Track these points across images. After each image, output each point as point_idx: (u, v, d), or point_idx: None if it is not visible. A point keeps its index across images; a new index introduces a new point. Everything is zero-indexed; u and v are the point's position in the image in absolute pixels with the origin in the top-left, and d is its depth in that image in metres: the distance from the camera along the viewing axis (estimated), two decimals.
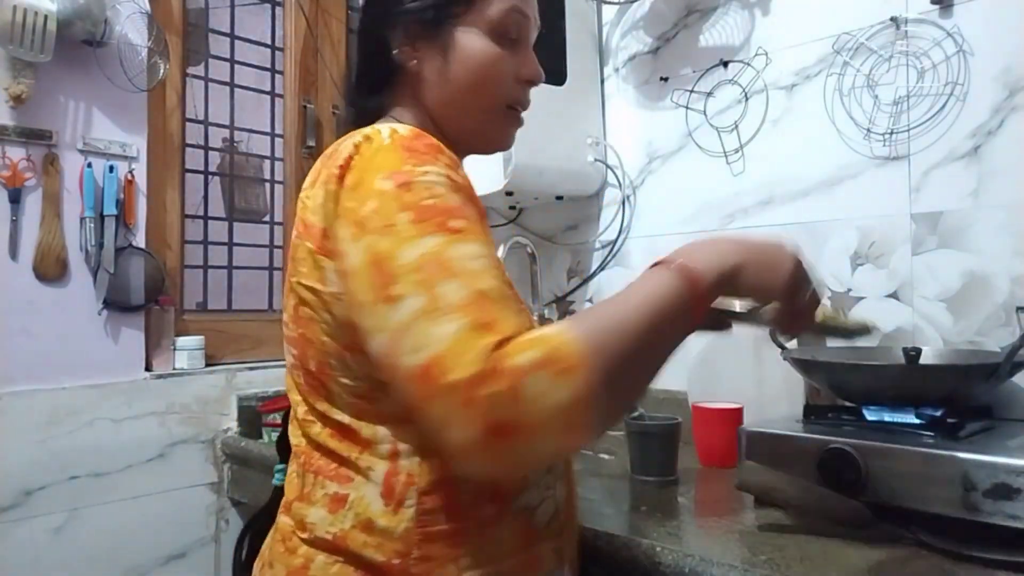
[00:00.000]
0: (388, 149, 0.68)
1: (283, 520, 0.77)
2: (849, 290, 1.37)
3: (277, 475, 0.86)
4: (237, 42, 1.96)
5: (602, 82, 1.81)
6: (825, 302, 0.96)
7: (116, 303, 1.58)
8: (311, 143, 1.99)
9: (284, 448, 0.85)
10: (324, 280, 0.69)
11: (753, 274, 0.67)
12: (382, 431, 0.71)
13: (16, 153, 1.47)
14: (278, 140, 2.01)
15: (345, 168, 0.68)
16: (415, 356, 0.57)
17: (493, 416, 0.55)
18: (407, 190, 0.64)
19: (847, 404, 1.11)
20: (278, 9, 2.02)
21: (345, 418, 0.72)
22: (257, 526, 0.87)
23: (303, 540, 0.73)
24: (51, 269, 1.50)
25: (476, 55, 0.80)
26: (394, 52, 0.82)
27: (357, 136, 0.71)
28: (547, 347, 0.56)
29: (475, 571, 0.69)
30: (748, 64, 1.55)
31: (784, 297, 0.69)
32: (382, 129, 0.71)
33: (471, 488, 0.70)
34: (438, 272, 0.60)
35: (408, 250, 0.61)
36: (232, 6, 1.95)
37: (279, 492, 0.83)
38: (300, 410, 0.77)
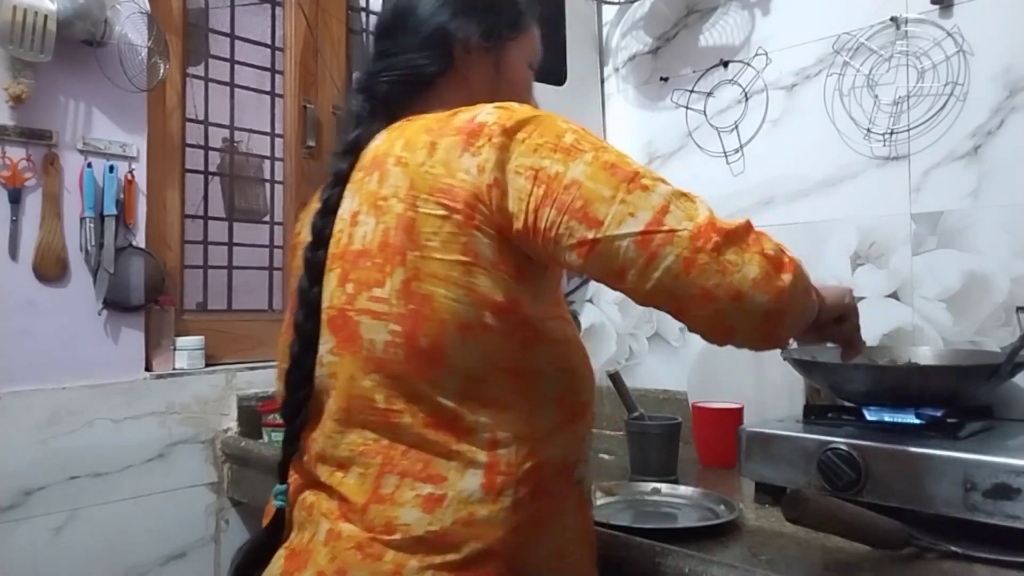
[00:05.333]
0: (536, 108, 0.75)
1: (347, 527, 0.73)
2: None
3: (279, 498, 0.82)
4: (237, 42, 1.96)
5: (602, 82, 1.81)
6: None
7: (116, 303, 1.58)
8: (311, 143, 1.99)
9: (284, 470, 0.82)
10: (470, 251, 0.70)
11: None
12: (484, 418, 0.72)
13: (16, 153, 1.47)
14: (278, 140, 2.01)
15: (505, 123, 0.71)
16: (694, 219, 0.66)
17: (769, 248, 0.68)
18: (587, 130, 0.73)
19: (847, 404, 1.11)
20: (278, 9, 2.02)
21: (449, 402, 0.71)
22: (260, 548, 0.81)
23: (389, 544, 0.70)
24: (51, 269, 1.50)
25: (520, 76, 0.90)
26: (454, 50, 0.84)
27: (486, 106, 0.74)
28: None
29: (550, 546, 0.74)
30: (748, 64, 1.55)
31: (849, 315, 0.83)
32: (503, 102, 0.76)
33: (553, 469, 0.75)
34: (661, 176, 0.71)
35: (631, 160, 0.71)
36: (232, 6, 1.95)
37: (281, 514, 0.81)
38: (379, 397, 0.73)
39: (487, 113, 0.73)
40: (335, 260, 0.78)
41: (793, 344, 1.24)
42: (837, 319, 0.81)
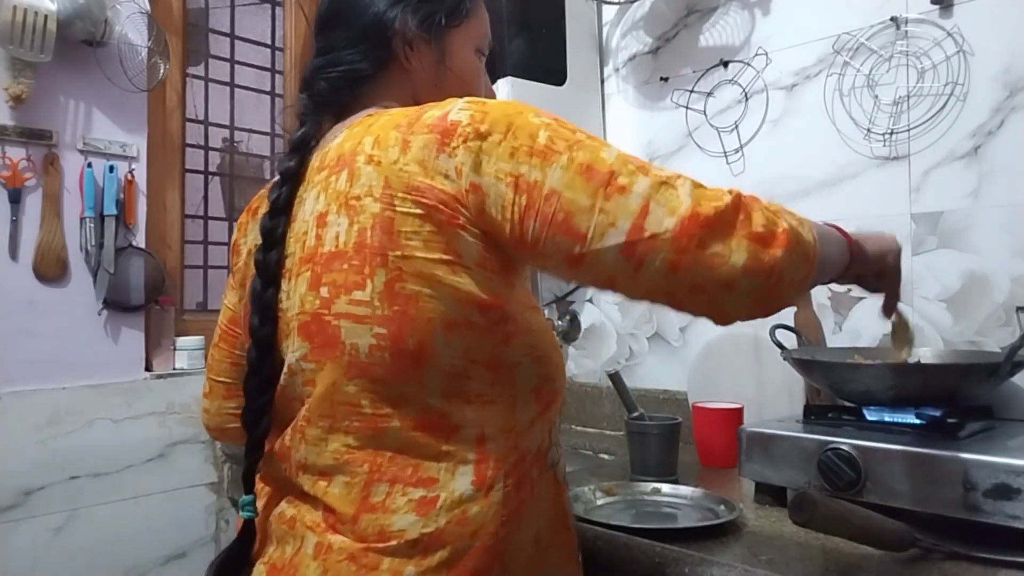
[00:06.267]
0: (507, 101, 0.73)
1: (338, 539, 0.71)
2: (849, 290, 1.37)
3: (247, 509, 0.79)
4: (237, 42, 1.96)
5: (602, 82, 1.81)
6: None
7: (116, 303, 1.58)
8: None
9: (251, 480, 0.80)
10: (452, 250, 0.68)
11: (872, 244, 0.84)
12: (470, 414, 0.71)
13: (16, 153, 1.47)
14: (278, 140, 2.01)
15: (479, 125, 0.69)
16: (676, 213, 0.65)
17: (759, 224, 0.66)
18: (559, 119, 0.71)
19: (847, 404, 1.10)
20: (278, 9, 2.02)
21: (436, 402, 0.71)
22: (232, 562, 0.79)
23: (383, 551, 0.69)
24: (51, 269, 1.50)
25: (466, 64, 0.87)
26: (393, 42, 0.83)
27: (457, 102, 0.72)
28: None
29: (529, 531, 0.74)
30: (748, 64, 1.55)
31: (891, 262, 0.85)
32: (472, 97, 0.74)
33: (531, 457, 0.75)
34: (638, 161, 0.69)
35: (605, 152, 0.68)
36: (232, 6, 1.95)
37: (251, 525, 0.79)
38: (365, 402, 0.71)
39: (459, 111, 0.71)
40: (303, 263, 0.75)
41: (795, 345, 1.24)
42: (876, 273, 0.83)
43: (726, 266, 0.65)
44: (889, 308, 0.89)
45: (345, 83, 0.84)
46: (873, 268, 0.82)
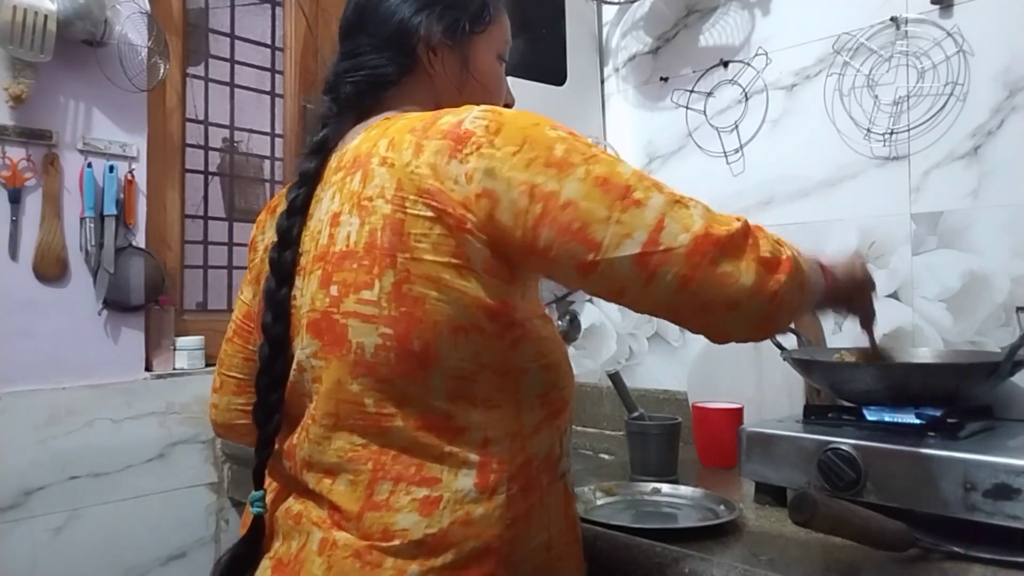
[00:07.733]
0: (524, 112, 0.74)
1: (343, 536, 0.72)
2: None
3: (256, 505, 0.79)
4: (237, 42, 1.96)
5: (602, 82, 1.81)
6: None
7: (116, 303, 1.58)
8: None
9: (260, 476, 0.80)
10: (461, 255, 0.69)
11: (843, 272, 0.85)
12: (475, 417, 0.72)
13: (16, 153, 1.47)
14: (278, 140, 2.01)
15: (493, 134, 0.70)
16: (690, 231, 0.66)
17: (766, 250, 0.69)
18: (574, 134, 0.72)
19: (847, 404, 1.10)
20: (278, 9, 2.02)
21: (441, 404, 0.71)
22: (240, 559, 0.79)
23: (387, 550, 0.69)
24: (51, 269, 1.50)
25: (488, 70, 0.88)
26: (417, 48, 0.84)
27: (472, 110, 0.72)
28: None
29: (538, 539, 0.74)
30: (748, 64, 1.55)
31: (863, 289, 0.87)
32: (488, 106, 0.75)
33: (538, 464, 0.75)
34: (652, 179, 0.70)
35: (621, 168, 0.70)
36: (232, 6, 1.95)
37: (259, 522, 0.79)
38: (369, 401, 0.72)
39: (473, 119, 0.71)
40: (316, 261, 0.76)
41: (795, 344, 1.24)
42: (850, 294, 0.85)
43: (735, 286, 0.67)
44: (865, 326, 0.93)
45: (369, 87, 0.85)
46: (846, 292, 0.84)
